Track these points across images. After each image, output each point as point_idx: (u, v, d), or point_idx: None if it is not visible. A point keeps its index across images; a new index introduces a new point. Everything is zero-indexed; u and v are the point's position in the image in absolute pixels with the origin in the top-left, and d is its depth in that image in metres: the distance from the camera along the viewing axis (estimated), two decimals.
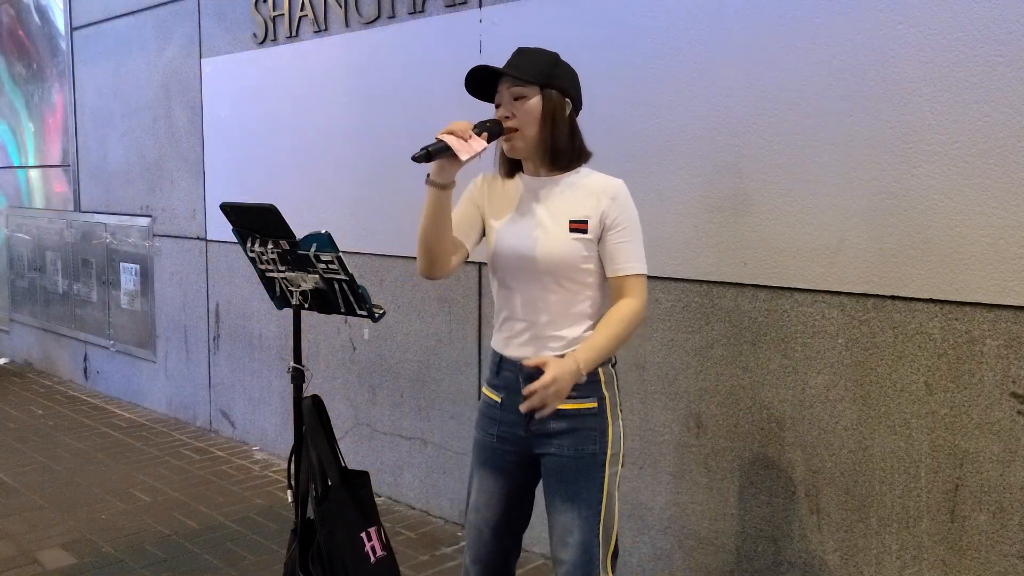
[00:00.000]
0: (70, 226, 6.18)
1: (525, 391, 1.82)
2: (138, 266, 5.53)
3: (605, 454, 1.97)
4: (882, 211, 2.34)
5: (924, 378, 2.30)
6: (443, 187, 1.94)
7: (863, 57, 2.35)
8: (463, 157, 1.87)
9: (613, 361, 2.03)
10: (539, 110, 1.96)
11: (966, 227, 2.21)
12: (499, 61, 2.09)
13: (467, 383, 3.53)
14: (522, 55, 2.01)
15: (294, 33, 4.16)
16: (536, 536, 2.81)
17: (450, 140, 1.85)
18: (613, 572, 2.01)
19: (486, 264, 2.26)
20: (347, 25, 3.89)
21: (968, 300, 2.21)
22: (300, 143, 4.21)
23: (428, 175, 1.92)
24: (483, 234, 2.12)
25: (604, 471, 1.97)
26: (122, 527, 3.61)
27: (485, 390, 2.11)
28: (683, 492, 2.83)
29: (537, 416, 1.88)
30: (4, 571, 3.20)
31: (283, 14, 4.20)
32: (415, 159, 1.85)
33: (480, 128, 1.93)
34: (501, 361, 2.04)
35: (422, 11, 3.56)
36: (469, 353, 3.51)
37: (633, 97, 2.84)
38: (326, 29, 4.00)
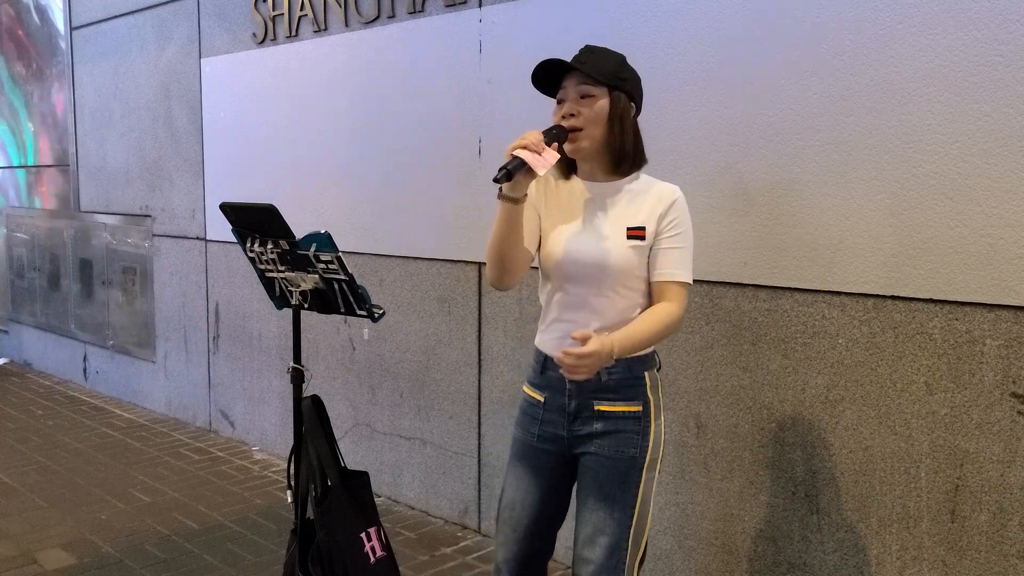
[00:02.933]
0: (70, 226, 6.18)
1: (562, 351, 1.80)
2: (138, 266, 5.53)
3: (644, 458, 1.97)
4: (882, 211, 2.34)
5: (924, 378, 2.30)
6: (517, 201, 1.89)
7: (863, 57, 2.35)
8: (540, 172, 1.84)
9: (658, 365, 2.04)
10: (607, 111, 1.93)
11: (966, 227, 2.20)
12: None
13: (467, 383, 3.53)
14: (591, 53, 1.97)
15: (294, 33, 4.16)
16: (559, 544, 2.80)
17: (526, 156, 1.82)
18: (639, 574, 2.01)
19: (485, 264, 2.25)
20: (347, 25, 3.89)
21: (968, 300, 2.21)
22: (300, 143, 4.21)
23: (500, 190, 1.88)
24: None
25: (642, 475, 1.96)
26: (122, 527, 3.61)
27: (527, 389, 2.10)
28: (683, 492, 2.83)
29: (568, 376, 1.84)
30: (4, 571, 3.19)
31: (283, 14, 4.19)
32: (497, 181, 1.83)
33: (549, 138, 1.90)
34: (546, 361, 2.03)
35: (422, 11, 3.56)
36: (469, 353, 3.51)
37: None
38: (326, 29, 4.00)
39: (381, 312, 2.35)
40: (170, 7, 5.01)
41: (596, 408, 1.97)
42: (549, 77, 1.98)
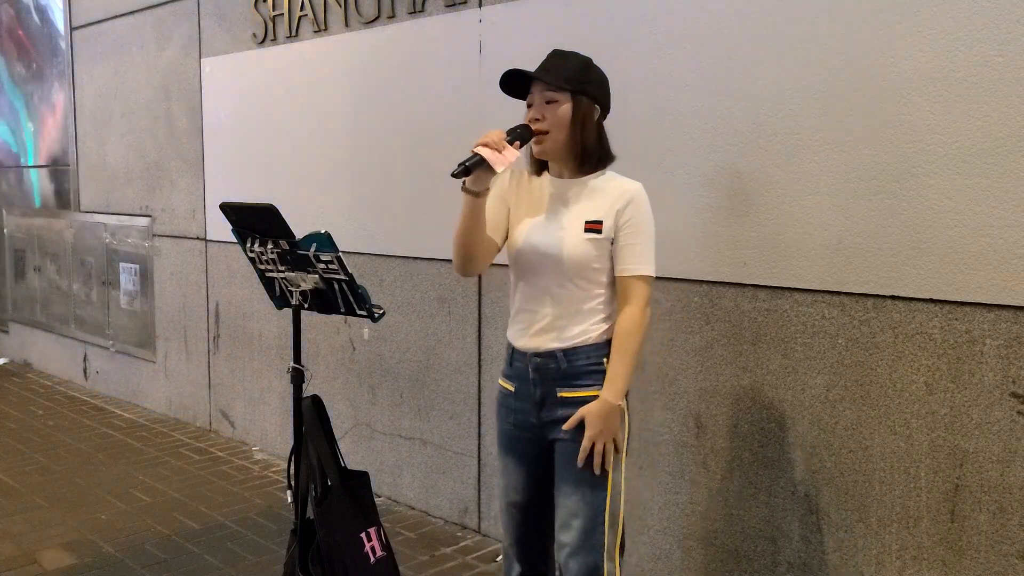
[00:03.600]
0: (70, 226, 6.18)
1: (579, 461, 2.01)
2: (138, 266, 5.53)
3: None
4: (882, 211, 2.34)
5: (924, 378, 2.30)
6: (478, 195, 2.02)
7: (863, 57, 2.35)
8: (499, 169, 1.97)
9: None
10: (569, 115, 2.04)
11: (966, 227, 2.20)
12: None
13: (467, 383, 3.53)
14: (556, 58, 2.09)
15: (294, 33, 4.16)
16: None
17: (486, 153, 1.95)
18: (620, 563, 2.08)
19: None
20: (347, 25, 3.89)
21: (968, 300, 2.21)
22: (300, 143, 4.21)
23: (464, 183, 2.00)
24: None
25: (610, 458, 2.04)
26: (122, 527, 3.61)
27: (500, 381, 2.21)
28: (682, 492, 2.83)
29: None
30: (4, 571, 3.20)
31: (283, 14, 4.20)
32: (454, 175, 1.96)
33: (512, 136, 2.02)
34: (514, 352, 2.15)
35: (422, 11, 3.56)
36: (469, 353, 3.51)
37: (632, 97, 2.84)
38: (326, 29, 4.00)
39: (381, 312, 2.35)
40: (170, 7, 5.01)
41: (559, 395, 2.07)
42: (519, 82, 2.10)
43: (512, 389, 2.15)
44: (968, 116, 2.19)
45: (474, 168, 1.96)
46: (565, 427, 2.03)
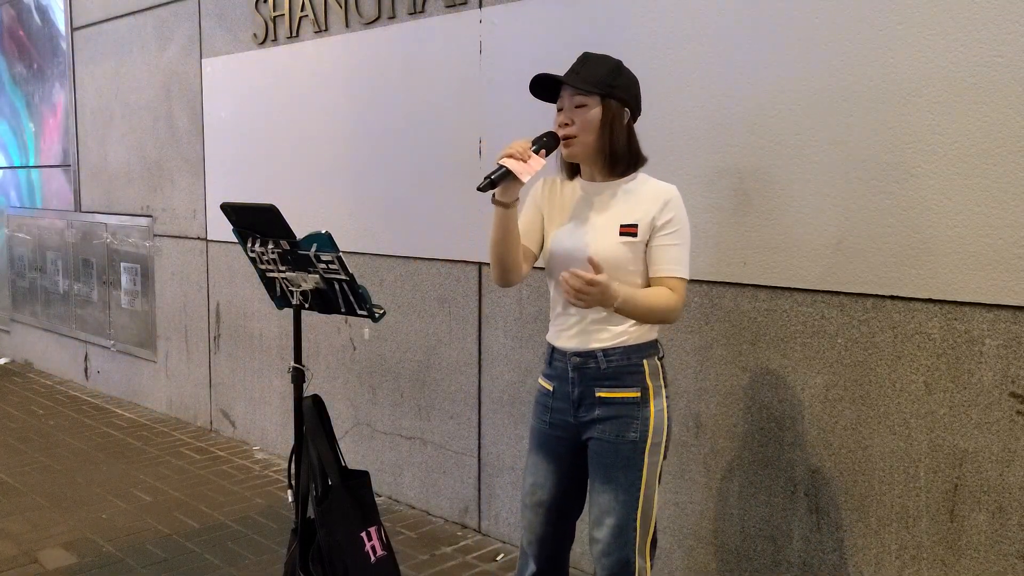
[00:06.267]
0: (71, 226, 6.19)
1: (570, 271, 1.87)
2: (139, 266, 5.53)
3: (646, 442, 2.06)
4: (882, 211, 2.34)
5: (923, 378, 2.30)
6: (508, 206, 2.02)
7: (863, 57, 2.35)
8: (524, 179, 1.97)
9: (660, 354, 2.13)
10: (598, 119, 2.04)
11: (966, 227, 2.21)
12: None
13: (467, 383, 3.53)
14: (586, 63, 2.08)
15: (294, 33, 4.17)
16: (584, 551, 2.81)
17: (510, 164, 1.95)
18: (651, 559, 2.11)
19: (487, 264, 2.26)
20: (347, 25, 3.90)
21: (967, 300, 2.22)
22: (300, 143, 4.21)
23: (493, 195, 2.01)
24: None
25: (644, 459, 2.06)
26: (123, 527, 3.61)
27: (540, 380, 2.22)
28: (682, 492, 2.83)
29: (564, 285, 1.88)
30: (5, 570, 3.20)
31: (283, 14, 4.20)
32: (481, 189, 1.96)
33: (538, 145, 2.02)
34: (553, 352, 2.16)
35: (422, 11, 3.56)
36: (469, 353, 3.52)
37: None
38: (326, 29, 4.01)
39: (381, 312, 2.36)
40: (171, 8, 5.01)
41: (597, 395, 2.07)
42: (547, 85, 2.10)
43: (551, 388, 2.16)
44: (968, 116, 2.19)
45: (500, 180, 1.96)
46: (589, 259, 1.90)
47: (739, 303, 2.66)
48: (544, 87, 2.10)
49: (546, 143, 2.04)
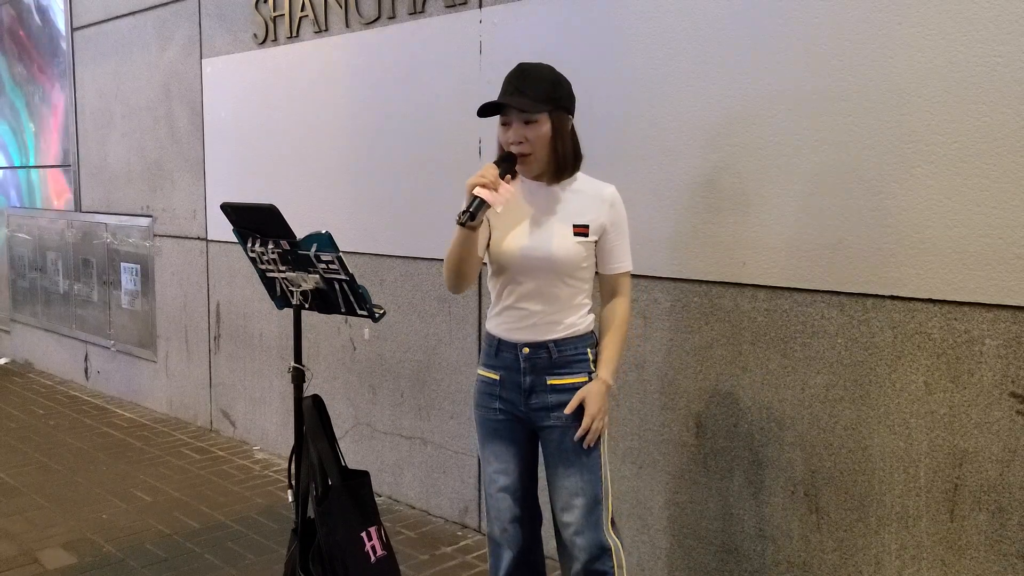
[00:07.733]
0: (71, 226, 6.19)
1: (576, 437, 2.13)
2: (139, 266, 5.54)
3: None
4: (882, 211, 2.34)
5: (923, 378, 2.30)
6: (475, 228, 2.10)
7: (863, 57, 2.35)
8: (499, 208, 2.08)
9: (594, 342, 2.25)
10: (550, 133, 2.14)
11: (966, 227, 2.21)
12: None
13: (467, 383, 3.53)
14: (526, 79, 2.14)
15: (294, 33, 4.17)
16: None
17: (485, 195, 2.04)
18: (618, 534, 2.22)
19: (486, 264, 2.27)
20: (347, 25, 3.90)
21: (968, 300, 2.22)
22: (300, 143, 4.22)
23: (459, 217, 2.07)
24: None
25: (600, 437, 2.19)
26: (123, 527, 3.61)
27: (481, 371, 2.30)
28: (682, 492, 2.83)
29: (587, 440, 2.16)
30: (5, 571, 3.20)
31: (283, 14, 4.20)
32: (462, 224, 2.05)
33: (503, 170, 2.09)
34: (500, 344, 2.24)
35: (422, 11, 3.56)
36: (469, 353, 3.52)
37: (632, 97, 2.85)
38: (326, 29, 4.01)
39: (382, 312, 2.36)
40: (171, 8, 5.01)
41: (548, 383, 2.19)
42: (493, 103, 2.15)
43: (497, 378, 2.24)
44: (968, 116, 2.19)
45: (478, 212, 2.04)
46: (567, 410, 2.14)
47: (739, 303, 2.66)
48: (486, 107, 2.15)
49: (508, 167, 2.11)
